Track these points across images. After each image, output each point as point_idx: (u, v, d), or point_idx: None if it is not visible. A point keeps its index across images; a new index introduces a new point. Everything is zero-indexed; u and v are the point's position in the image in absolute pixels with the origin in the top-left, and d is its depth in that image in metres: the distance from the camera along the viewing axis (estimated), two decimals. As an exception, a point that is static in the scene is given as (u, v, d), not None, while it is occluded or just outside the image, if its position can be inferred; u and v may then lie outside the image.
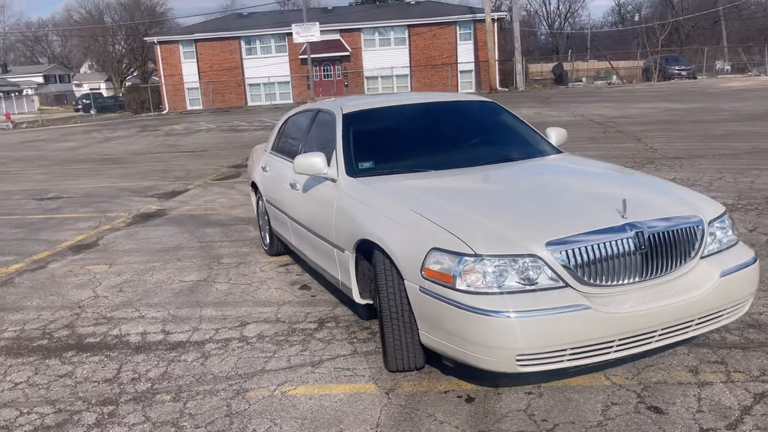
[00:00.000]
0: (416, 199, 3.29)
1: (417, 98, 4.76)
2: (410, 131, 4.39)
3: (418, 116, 4.50)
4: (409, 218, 3.11)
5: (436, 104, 4.63)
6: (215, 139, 19.69)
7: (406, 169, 3.91)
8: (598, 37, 66.08)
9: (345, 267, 3.76)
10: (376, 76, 39.43)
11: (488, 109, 4.65)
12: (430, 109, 4.58)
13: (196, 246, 6.62)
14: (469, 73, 38.83)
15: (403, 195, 3.41)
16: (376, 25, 39.40)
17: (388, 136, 4.33)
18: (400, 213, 3.19)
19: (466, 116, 4.50)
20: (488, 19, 32.18)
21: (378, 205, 3.38)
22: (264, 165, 5.68)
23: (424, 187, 3.54)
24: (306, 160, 4.04)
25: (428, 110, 4.56)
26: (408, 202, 3.26)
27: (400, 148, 4.21)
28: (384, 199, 3.41)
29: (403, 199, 3.35)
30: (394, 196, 3.43)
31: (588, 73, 47.97)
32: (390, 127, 4.40)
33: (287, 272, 5.48)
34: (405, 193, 3.45)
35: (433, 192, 3.41)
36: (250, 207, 8.62)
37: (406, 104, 4.58)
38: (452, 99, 4.69)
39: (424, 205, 3.18)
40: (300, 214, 4.51)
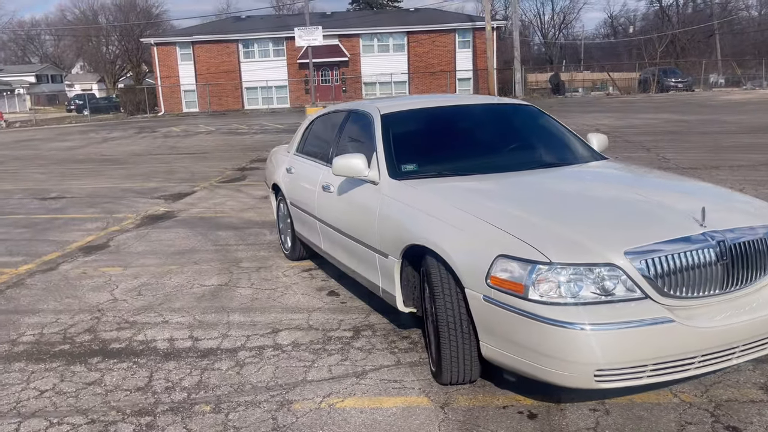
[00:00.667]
0: (474, 204, 3.14)
1: (453, 100, 4.62)
2: (451, 133, 4.24)
3: (458, 118, 4.36)
4: (470, 223, 2.95)
5: (474, 107, 4.49)
6: (216, 142, 19.47)
7: (451, 172, 3.76)
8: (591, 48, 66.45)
9: (388, 273, 3.60)
10: (374, 82, 39.36)
11: (528, 112, 4.52)
12: (469, 111, 4.44)
13: (211, 249, 6.43)
14: (468, 81, 38.86)
15: (458, 199, 3.26)
16: (375, 31, 39.37)
17: (429, 138, 4.18)
18: (458, 218, 3.03)
19: (507, 119, 4.37)
20: (488, 27, 32.21)
21: (431, 210, 3.22)
22: (288, 167, 5.51)
23: (478, 190, 3.38)
24: (346, 162, 3.88)
25: (468, 113, 4.42)
26: (466, 207, 3.11)
27: (443, 151, 4.06)
28: (438, 203, 3.25)
29: (460, 203, 3.19)
30: (449, 199, 3.27)
31: (584, 84, 48.19)
32: (430, 129, 4.25)
33: (311, 277, 5.30)
34: (459, 196, 3.29)
35: (490, 196, 3.26)
36: (261, 210, 8.47)
37: (444, 106, 4.44)
38: (490, 102, 4.55)
39: (485, 209, 3.03)
40: (334, 217, 4.34)
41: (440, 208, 3.18)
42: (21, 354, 3.92)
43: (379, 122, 4.14)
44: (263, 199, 9.25)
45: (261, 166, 13.26)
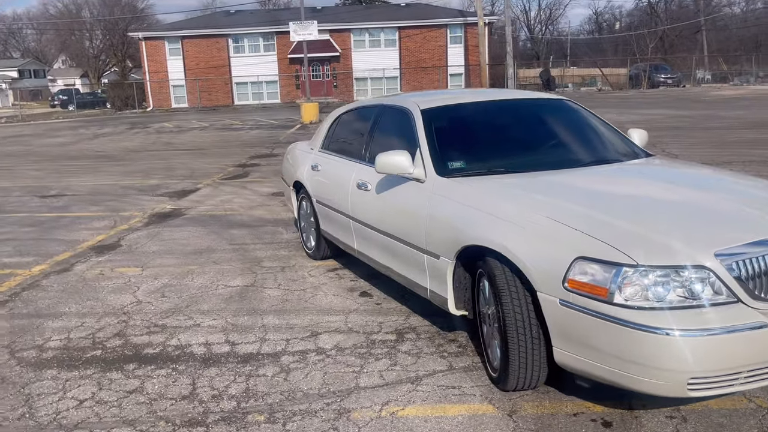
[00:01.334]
0: (540, 203, 3.02)
1: (490, 95, 4.48)
2: (495, 129, 4.12)
3: (500, 114, 4.23)
4: (541, 224, 2.83)
5: (514, 101, 4.36)
6: (212, 138, 19.20)
7: (502, 169, 3.63)
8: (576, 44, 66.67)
9: (439, 275, 3.47)
10: (366, 77, 39.15)
11: (568, 107, 4.41)
12: (510, 106, 4.31)
13: (228, 248, 6.26)
14: (459, 76, 38.78)
15: (522, 198, 3.13)
16: (366, 26, 39.13)
17: (473, 134, 4.05)
18: (526, 219, 2.91)
19: (548, 114, 4.25)
20: (480, 22, 32.14)
21: (493, 209, 3.09)
22: (314, 164, 5.36)
23: (539, 189, 3.26)
24: (389, 159, 3.74)
25: (508, 108, 4.30)
26: (533, 207, 2.99)
27: (490, 147, 3.93)
28: (500, 203, 3.12)
29: (525, 202, 3.07)
30: (511, 199, 3.15)
31: (573, 79, 48.32)
32: (474, 124, 4.12)
33: (339, 278, 5.16)
34: (523, 196, 3.17)
35: (554, 195, 3.13)
36: (270, 207, 8.31)
37: (484, 101, 4.30)
38: (528, 96, 4.43)
39: (554, 209, 2.91)
40: (371, 216, 4.20)
41: (504, 208, 3.06)
42: (51, 360, 3.74)
43: (420, 118, 4.00)
44: (270, 197, 9.09)
45: (262, 163, 13.07)
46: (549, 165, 3.67)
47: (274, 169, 12.00)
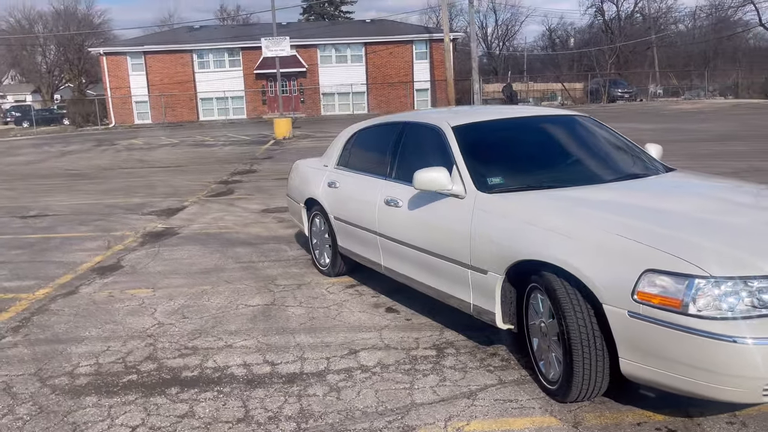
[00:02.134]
0: (596, 217, 3.10)
1: (515, 112, 4.58)
2: (528, 145, 4.21)
3: (529, 130, 4.33)
4: (602, 238, 2.91)
5: (540, 117, 4.47)
6: (186, 155, 18.92)
7: (542, 184, 3.71)
8: (532, 59, 68.17)
9: (486, 290, 3.52)
10: (333, 92, 39.24)
11: (592, 122, 4.53)
12: (537, 122, 4.42)
13: (236, 267, 6.19)
14: (425, 91, 39.24)
15: (576, 212, 3.21)
16: (333, 42, 39.29)
17: (507, 150, 4.14)
18: (585, 232, 2.99)
19: (575, 129, 4.37)
20: (446, 38, 32.65)
21: (547, 224, 3.16)
22: (330, 181, 5.36)
23: (590, 203, 3.35)
24: (428, 175, 3.79)
25: (536, 124, 4.40)
26: (590, 220, 3.07)
27: (524, 163, 4.02)
28: (554, 217, 3.19)
29: (580, 216, 3.14)
30: (565, 213, 3.22)
31: (534, 94, 49.46)
32: (506, 140, 4.20)
33: (359, 294, 5.16)
34: (574, 210, 3.25)
35: (606, 208, 3.22)
36: (266, 225, 8.25)
37: (511, 118, 4.40)
38: (552, 113, 4.55)
39: (611, 223, 2.99)
40: (404, 232, 4.23)
41: (560, 223, 3.13)
42: (87, 387, 3.63)
43: (452, 135, 4.07)
44: (262, 214, 9.02)
45: (244, 179, 12.96)
46: (586, 180, 3.78)
47: (257, 186, 11.93)
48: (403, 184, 4.33)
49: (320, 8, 63.79)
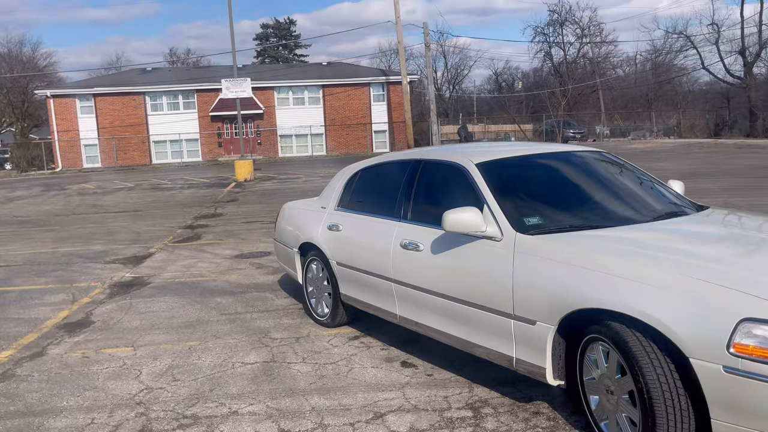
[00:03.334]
0: (668, 260, 2.82)
1: (535, 148, 4.33)
2: (558, 181, 3.96)
3: (556, 166, 4.08)
4: (682, 283, 2.62)
5: (563, 153, 4.24)
6: (144, 199, 18.13)
7: (585, 224, 3.44)
8: (479, 102, 69.86)
9: (533, 342, 3.18)
10: (291, 134, 38.94)
11: (614, 159, 4.34)
12: (562, 158, 4.18)
13: (222, 319, 5.67)
14: (384, 133, 39.38)
15: (643, 255, 2.93)
16: (290, 84, 39.19)
17: (539, 187, 3.87)
18: (660, 277, 2.70)
19: (601, 166, 4.15)
20: (404, 81, 32.99)
21: (610, 268, 2.86)
22: (331, 224, 4.98)
23: (649, 244, 3.07)
24: (459, 216, 3.47)
25: (562, 159, 4.16)
26: (662, 264, 2.78)
27: (559, 200, 3.75)
28: (619, 261, 2.89)
29: (650, 259, 2.86)
30: (632, 256, 2.93)
31: (488, 135, 50.43)
32: (535, 177, 3.95)
33: (366, 347, 4.74)
34: (639, 252, 2.96)
35: (674, 250, 2.95)
36: (243, 271, 7.74)
37: (535, 154, 4.15)
38: (575, 149, 4.32)
39: (688, 266, 2.72)
40: (427, 279, 3.87)
41: (628, 267, 2.83)
42: (74, 472, 3.08)
43: (478, 173, 3.78)
44: (236, 259, 8.50)
45: (210, 223, 12.38)
46: (628, 219, 3.53)
47: (226, 230, 11.38)
48: (424, 226, 4.00)
49: (274, 52, 64.10)
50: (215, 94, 38.06)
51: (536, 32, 55.53)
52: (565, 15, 54.28)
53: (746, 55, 35.70)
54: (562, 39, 56.34)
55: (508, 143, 4.67)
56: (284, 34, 64.44)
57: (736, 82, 38.14)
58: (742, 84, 36.67)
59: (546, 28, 54.45)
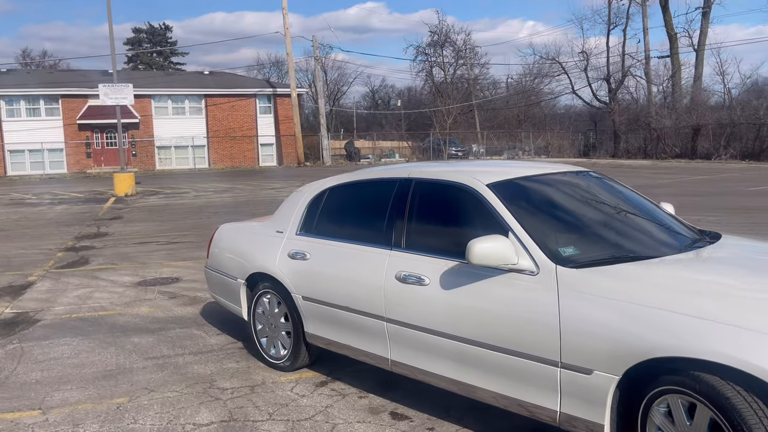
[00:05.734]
0: (751, 299, 2.48)
1: (534, 167, 3.91)
2: (581, 206, 3.56)
3: (573, 188, 3.68)
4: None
5: (573, 174, 3.86)
6: (7, 216, 15.86)
7: (626, 255, 3.07)
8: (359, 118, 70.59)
9: (588, 395, 2.73)
10: (170, 145, 36.63)
11: (611, 182, 4.03)
12: (576, 180, 3.79)
13: (149, 366, 4.74)
14: (271, 146, 38.20)
15: (723, 293, 2.57)
16: (169, 92, 36.93)
17: (563, 213, 3.45)
18: (755, 318, 2.35)
19: (610, 188, 3.81)
20: (293, 94, 32.21)
21: (696, 310, 2.47)
22: (294, 251, 4.27)
23: (722, 281, 2.74)
24: (489, 247, 2.97)
25: (576, 181, 3.77)
26: (751, 303, 2.44)
27: (588, 228, 3.35)
28: (704, 301, 2.51)
29: (733, 298, 2.51)
30: (713, 295, 2.56)
31: (373, 151, 50.68)
32: (555, 201, 3.52)
33: (340, 394, 4.07)
34: (720, 290, 2.61)
35: (754, 286, 2.63)
36: (154, 302, 6.73)
37: (544, 174, 3.72)
38: (575, 169, 3.97)
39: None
40: (436, 318, 3.31)
41: (714, 307, 2.46)
42: None
43: (493, 195, 3.30)
44: (141, 288, 7.43)
45: (97, 245, 10.94)
46: (664, 247, 3.22)
47: (119, 252, 10.07)
48: (427, 255, 3.45)
49: (148, 58, 60.54)
50: (83, 101, 35.03)
51: (418, 52, 56.96)
52: (444, 36, 56.26)
53: (611, 81, 38.77)
54: (442, 59, 58.32)
55: (494, 162, 4.25)
56: (159, 40, 61.09)
57: (602, 107, 41.27)
58: (607, 108, 39.72)
59: (427, 48, 56.01)
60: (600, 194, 3.68)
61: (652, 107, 36.56)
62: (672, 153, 33.06)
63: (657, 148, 34.17)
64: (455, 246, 3.34)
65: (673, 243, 3.31)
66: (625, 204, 3.68)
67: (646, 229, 3.45)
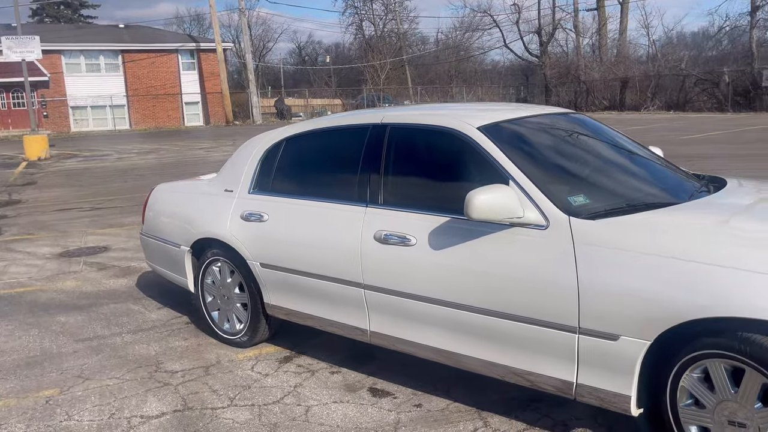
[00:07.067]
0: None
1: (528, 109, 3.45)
2: (585, 151, 3.17)
3: (570, 132, 3.27)
4: None
5: (565, 115, 3.44)
6: None
7: (642, 203, 2.71)
8: (287, 74, 68.57)
9: (613, 363, 2.38)
10: (85, 105, 34.20)
11: (600, 124, 3.66)
12: (572, 122, 3.37)
13: (81, 349, 4.12)
14: (196, 105, 36.35)
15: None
16: (82, 48, 34.26)
17: (567, 158, 3.05)
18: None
19: (600, 133, 3.41)
20: (219, 49, 30.50)
21: (747, 263, 2.14)
22: (247, 213, 3.72)
23: (757, 227, 2.41)
24: (491, 199, 2.55)
25: (573, 124, 3.35)
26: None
27: (596, 174, 2.96)
28: (753, 252, 2.18)
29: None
30: (759, 245, 2.23)
31: (305, 109, 49.33)
32: (556, 144, 3.12)
33: (309, 371, 3.62)
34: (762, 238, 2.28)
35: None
36: (80, 275, 6.01)
37: (537, 114, 3.28)
38: (567, 111, 3.56)
39: None
40: (427, 283, 2.88)
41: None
42: None
43: (487, 139, 2.86)
44: (64, 259, 6.65)
45: (10, 213, 9.88)
46: (679, 194, 2.89)
47: (36, 221, 9.10)
48: (412, 211, 3.00)
49: (55, 11, 56.00)
50: (-16, 57, 31.98)
51: (347, 5, 55.41)
52: (375, -12, 54.83)
53: (542, 34, 38.92)
54: (372, 13, 57.00)
55: (468, 104, 3.79)
56: (67, -9, 56.46)
57: (534, 61, 41.50)
58: (539, 62, 39.98)
59: (357, 1, 54.52)
60: (595, 138, 3.30)
61: (581, 60, 37.03)
62: (601, 105, 33.72)
63: (587, 101, 34.76)
64: (445, 200, 2.90)
65: (684, 189, 2.99)
66: (622, 148, 3.32)
67: (652, 174, 3.12)
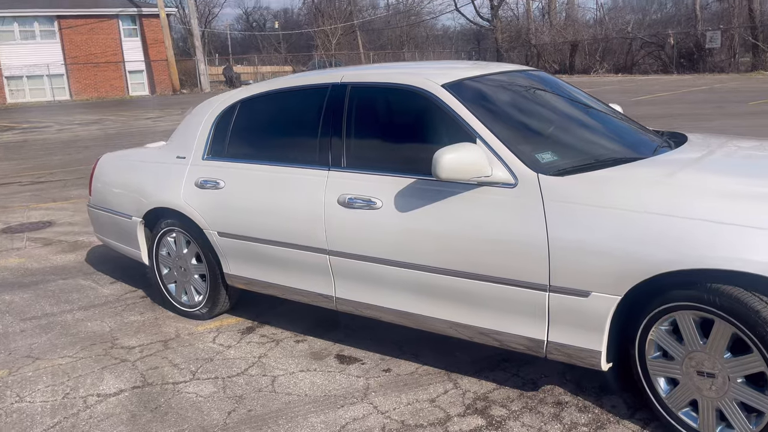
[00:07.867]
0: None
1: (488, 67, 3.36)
2: (549, 108, 3.12)
3: (532, 89, 3.20)
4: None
5: (518, 73, 3.36)
6: None
7: (610, 159, 2.69)
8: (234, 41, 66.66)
9: (583, 320, 2.38)
10: (21, 75, 32.49)
11: (559, 81, 3.62)
12: (534, 79, 3.29)
13: (31, 327, 3.92)
14: (140, 73, 34.99)
15: (742, 194, 2.24)
16: (14, 14, 32.37)
17: (532, 115, 2.98)
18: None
19: (560, 89, 3.37)
20: (162, 14, 29.26)
21: (715, 215, 2.14)
22: (202, 180, 3.55)
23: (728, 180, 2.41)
24: (460, 158, 2.48)
25: (535, 81, 3.27)
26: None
27: (560, 131, 2.92)
28: (724, 204, 2.17)
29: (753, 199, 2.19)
30: (732, 197, 2.22)
31: (255, 77, 48.13)
32: (520, 102, 3.05)
33: (272, 341, 3.53)
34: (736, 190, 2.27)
35: (759, 184, 2.32)
36: (24, 252, 5.73)
37: (496, 72, 3.19)
38: (526, 68, 3.50)
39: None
40: (393, 246, 2.81)
41: (739, 209, 2.13)
42: None
43: (452, 97, 2.78)
44: (5, 236, 6.34)
45: (-56, 189, 9.30)
46: (642, 149, 2.88)
47: (-27, 196, 8.62)
48: (376, 174, 2.91)
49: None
50: None
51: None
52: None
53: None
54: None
55: (427, 62, 3.69)
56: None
57: (485, 25, 41.44)
58: (490, 26, 39.94)
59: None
60: (557, 94, 3.25)
61: (531, 24, 37.16)
62: (552, 69, 34.03)
63: (538, 64, 35.00)
64: (410, 161, 2.82)
65: (647, 144, 2.98)
66: (584, 104, 3.29)
67: (616, 130, 3.09)
